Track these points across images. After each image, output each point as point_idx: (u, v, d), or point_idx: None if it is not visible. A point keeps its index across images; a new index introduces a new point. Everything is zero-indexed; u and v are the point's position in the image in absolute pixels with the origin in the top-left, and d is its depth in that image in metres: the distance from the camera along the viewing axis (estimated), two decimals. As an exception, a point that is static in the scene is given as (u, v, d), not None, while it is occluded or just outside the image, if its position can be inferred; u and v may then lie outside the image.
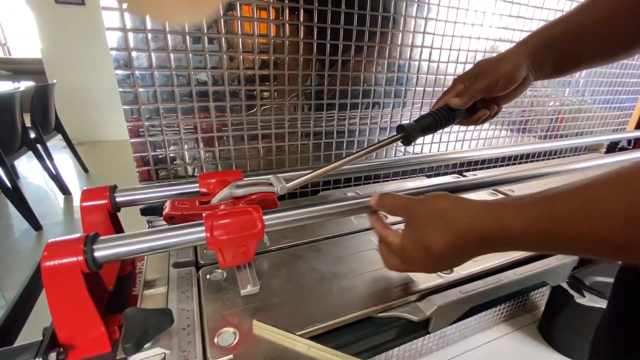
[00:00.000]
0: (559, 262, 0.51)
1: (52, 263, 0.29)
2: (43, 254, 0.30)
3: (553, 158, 1.15)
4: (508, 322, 1.53)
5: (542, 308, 1.48)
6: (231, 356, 0.32)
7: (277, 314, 0.38)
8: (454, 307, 0.42)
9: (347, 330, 0.38)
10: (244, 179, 0.48)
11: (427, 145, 0.88)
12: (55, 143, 2.54)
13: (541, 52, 0.45)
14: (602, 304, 1.17)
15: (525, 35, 0.46)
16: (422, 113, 0.83)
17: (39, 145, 1.85)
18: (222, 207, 0.41)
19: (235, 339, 0.34)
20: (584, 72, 1.03)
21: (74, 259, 0.30)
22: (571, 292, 1.24)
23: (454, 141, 0.91)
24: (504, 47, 0.84)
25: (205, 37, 0.56)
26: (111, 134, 3.10)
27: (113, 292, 0.39)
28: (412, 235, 0.34)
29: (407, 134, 0.47)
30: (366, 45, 0.68)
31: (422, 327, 0.41)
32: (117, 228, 0.44)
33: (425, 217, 0.32)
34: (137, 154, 0.59)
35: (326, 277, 0.45)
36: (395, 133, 0.50)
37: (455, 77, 0.50)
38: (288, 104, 0.67)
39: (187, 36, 0.55)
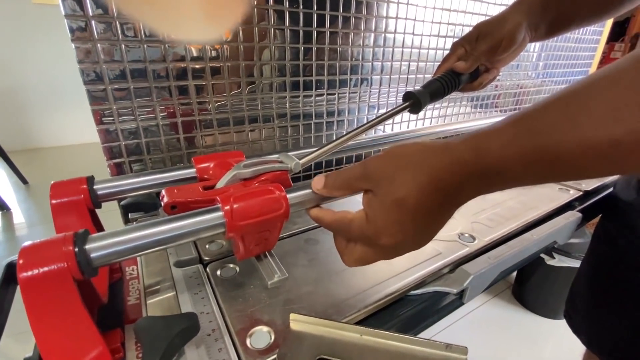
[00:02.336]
0: (566, 221, 0.52)
1: (33, 273, 0.22)
2: (18, 263, 0.22)
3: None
4: (485, 291, 1.61)
5: (515, 273, 1.58)
6: (274, 357, 0.27)
7: (311, 304, 0.33)
8: (487, 275, 0.40)
9: (387, 312, 0.35)
10: (247, 159, 0.42)
11: (405, 123, 0.86)
12: (-18, 153, 2.20)
13: (536, 13, 0.45)
14: (570, 263, 1.27)
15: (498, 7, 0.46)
16: (409, 89, 0.82)
17: (-37, 156, 1.59)
18: (231, 191, 0.35)
19: (271, 338, 0.29)
20: (539, 45, 1.08)
21: (63, 264, 0.23)
22: (541, 255, 1.33)
23: (437, 117, 0.91)
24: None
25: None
26: (50, 139, 2.76)
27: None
28: (376, 198, 0.26)
29: (417, 101, 0.44)
30: (353, 17, 0.64)
31: (457, 299, 0.39)
32: (99, 229, 0.37)
33: (388, 168, 0.26)
34: (107, 144, 0.50)
35: (349, 260, 0.41)
36: (401, 102, 0.47)
37: (454, 41, 0.49)
38: (276, 82, 0.61)
39: (159, 2, 0.47)
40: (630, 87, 0.17)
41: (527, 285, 1.46)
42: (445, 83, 0.45)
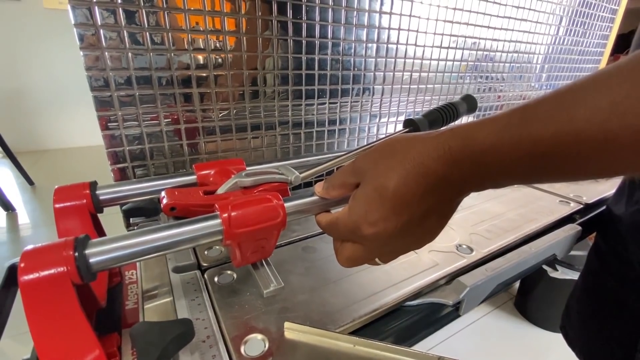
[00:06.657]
0: (566, 234, 0.52)
1: (33, 276, 0.23)
2: (19, 266, 0.23)
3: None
4: (487, 302, 1.59)
5: (517, 285, 1.56)
6: (268, 366, 0.27)
7: (306, 313, 0.33)
8: (484, 287, 0.40)
9: (382, 322, 0.35)
10: (247, 168, 0.43)
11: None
12: (-10, 154, 2.24)
13: None
14: (573, 275, 1.25)
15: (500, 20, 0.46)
16: (411, 99, 0.83)
17: (-29, 156, 1.61)
18: (231, 198, 0.35)
19: (265, 346, 0.29)
20: (543, 57, 1.09)
21: (62, 268, 0.24)
22: (544, 267, 1.31)
23: (439, 127, 0.91)
24: (484, 33, 0.86)
25: (186, 14, 0.50)
26: (58, 141, 2.81)
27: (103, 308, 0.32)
28: (360, 188, 0.26)
29: (416, 128, 0.47)
30: (355, 28, 0.65)
31: (453, 311, 0.39)
32: (100, 233, 0.37)
33: (374, 158, 0.26)
34: (111, 149, 0.51)
35: (346, 269, 0.41)
36: (402, 126, 0.49)
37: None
38: (279, 90, 0.62)
39: (165, 12, 0.48)
40: (630, 81, 0.17)
41: (529, 298, 1.44)
42: (445, 113, 0.48)
